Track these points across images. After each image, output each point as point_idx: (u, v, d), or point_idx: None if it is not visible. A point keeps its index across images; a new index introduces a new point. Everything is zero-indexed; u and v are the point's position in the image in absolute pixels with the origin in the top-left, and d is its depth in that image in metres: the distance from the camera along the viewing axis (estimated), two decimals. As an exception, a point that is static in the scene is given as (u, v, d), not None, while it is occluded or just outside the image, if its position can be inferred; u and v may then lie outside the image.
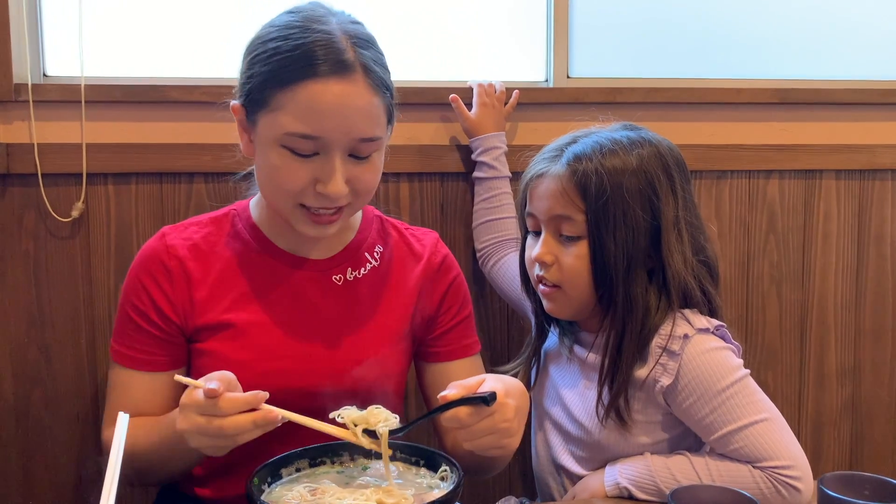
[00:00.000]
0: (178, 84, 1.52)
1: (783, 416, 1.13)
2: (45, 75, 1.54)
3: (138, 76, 1.55)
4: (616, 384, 1.15)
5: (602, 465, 1.18)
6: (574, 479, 1.22)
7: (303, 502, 0.90)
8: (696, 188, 1.72)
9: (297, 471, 0.99)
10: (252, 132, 1.10)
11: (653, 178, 1.15)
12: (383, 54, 1.10)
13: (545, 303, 1.22)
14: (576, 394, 1.23)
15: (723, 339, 1.16)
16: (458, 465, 0.95)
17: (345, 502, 0.89)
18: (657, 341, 1.14)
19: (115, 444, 0.84)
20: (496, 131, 1.56)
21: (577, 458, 1.22)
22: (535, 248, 1.20)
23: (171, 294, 1.14)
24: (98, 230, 1.52)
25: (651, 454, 1.15)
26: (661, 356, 1.13)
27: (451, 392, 0.92)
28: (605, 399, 1.16)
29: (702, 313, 1.18)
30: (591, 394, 1.19)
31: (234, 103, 1.11)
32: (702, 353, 1.12)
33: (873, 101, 1.77)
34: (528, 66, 1.72)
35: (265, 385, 0.93)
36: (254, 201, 1.22)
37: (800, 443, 1.11)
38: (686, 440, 1.19)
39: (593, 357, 1.21)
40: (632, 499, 1.12)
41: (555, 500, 1.26)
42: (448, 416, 0.92)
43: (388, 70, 1.10)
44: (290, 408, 1.07)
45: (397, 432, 0.94)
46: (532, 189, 1.21)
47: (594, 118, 1.29)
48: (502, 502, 1.35)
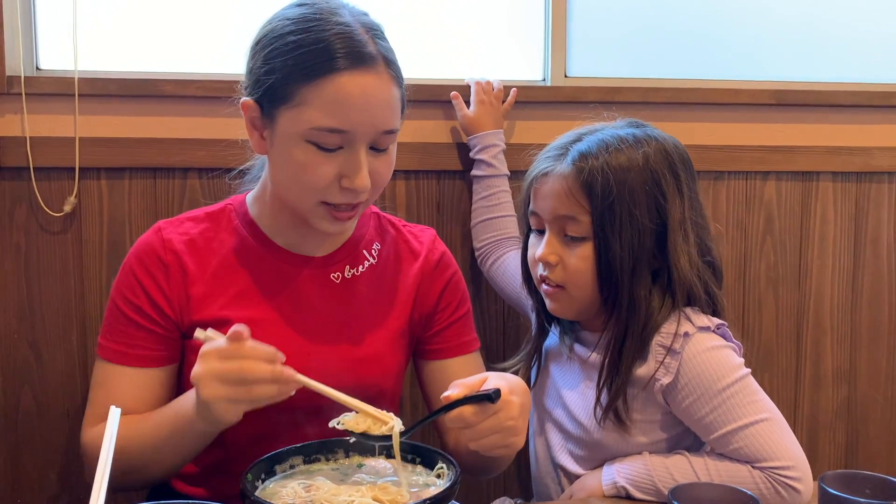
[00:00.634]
0: (173, 78, 1.50)
1: (780, 417, 1.12)
2: (38, 68, 1.52)
3: (132, 70, 1.54)
4: (615, 385, 1.14)
5: (599, 464, 1.18)
6: (572, 478, 1.21)
7: (297, 499, 0.89)
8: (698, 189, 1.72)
9: (292, 467, 0.98)
10: (268, 129, 1.07)
11: (659, 178, 1.14)
12: (391, 45, 1.09)
13: (548, 302, 1.20)
14: (576, 393, 1.22)
15: (724, 337, 1.15)
16: (455, 462, 0.94)
17: (340, 499, 0.88)
18: (657, 339, 1.13)
19: (105, 439, 0.82)
20: (494, 129, 1.55)
21: (576, 458, 1.21)
22: (538, 248, 1.18)
23: (166, 289, 1.12)
24: (90, 225, 1.50)
25: (650, 454, 1.14)
26: (660, 354, 1.12)
27: (454, 392, 0.91)
28: (604, 400, 1.15)
29: (705, 313, 1.17)
30: (592, 393, 1.18)
31: (245, 100, 1.08)
32: (702, 352, 1.12)
33: (871, 104, 1.77)
34: (526, 66, 1.72)
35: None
36: (251, 197, 1.20)
37: (795, 445, 1.10)
38: (685, 440, 1.18)
39: (595, 357, 1.20)
40: (629, 498, 1.11)
41: (552, 500, 1.25)
42: (452, 416, 0.91)
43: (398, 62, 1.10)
44: (288, 406, 1.06)
45: (404, 434, 0.93)
46: (536, 188, 1.19)
47: (598, 115, 1.27)
48: (497, 502, 1.33)
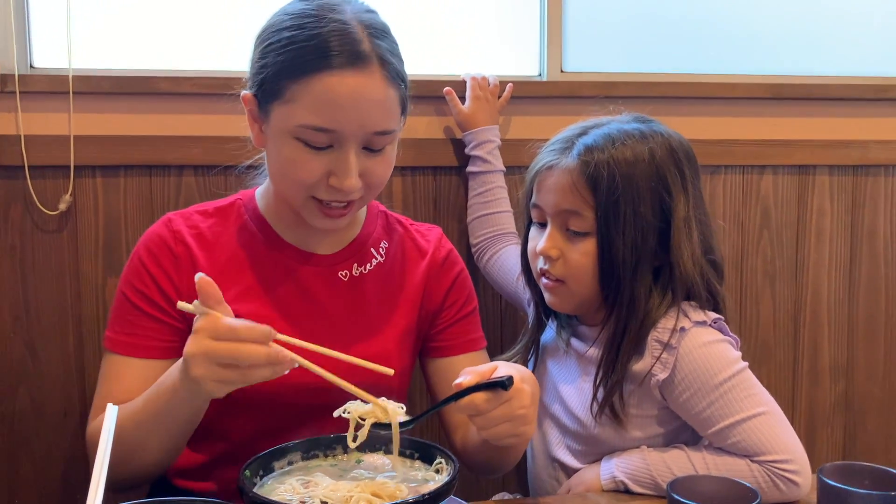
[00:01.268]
0: (168, 76, 1.50)
1: (777, 411, 1.12)
2: (32, 66, 1.51)
3: (127, 67, 1.53)
4: (611, 381, 1.14)
5: (597, 458, 1.18)
6: (570, 472, 1.20)
7: (295, 495, 0.89)
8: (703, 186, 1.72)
9: (290, 464, 0.97)
10: (264, 123, 1.07)
11: (664, 174, 1.13)
12: (397, 44, 1.08)
13: (547, 296, 1.20)
14: (573, 387, 1.22)
15: (720, 331, 1.15)
16: (453, 457, 0.94)
17: (338, 494, 0.88)
18: (654, 335, 1.13)
19: (103, 437, 0.82)
20: (490, 125, 1.55)
21: (573, 452, 1.21)
22: (540, 241, 1.17)
23: (175, 278, 1.11)
24: (86, 223, 1.50)
25: (648, 448, 1.14)
26: (657, 349, 1.12)
27: (465, 379, 0.91)
28: (600, 396, 1.15)
29: (705, 310, 1.17)
30: (589, 388, 1.18)
31: (245, 93, 1.08)
32: (699, 347, 1.11)
33: (867, 97, 1.77)
34: (522, 61, 1.72)
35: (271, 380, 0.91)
36: (260, 191, 1.20)
37: (793, 438, 1.10)
38: (683, 434, 1.18)
39: (593, 352, 1.20)
40: (628, 492, 1.11)
41: (549, 494, 1.25)
42: (464, 403, 0.90)
43: (403, 60, 1.08)
44: (295, 403, 1.05)
45: (409, 424, 0.93)
46: (540, 181, 1.18)
47: (604, 108, 1.27)
48: (496, 498, 1.34)
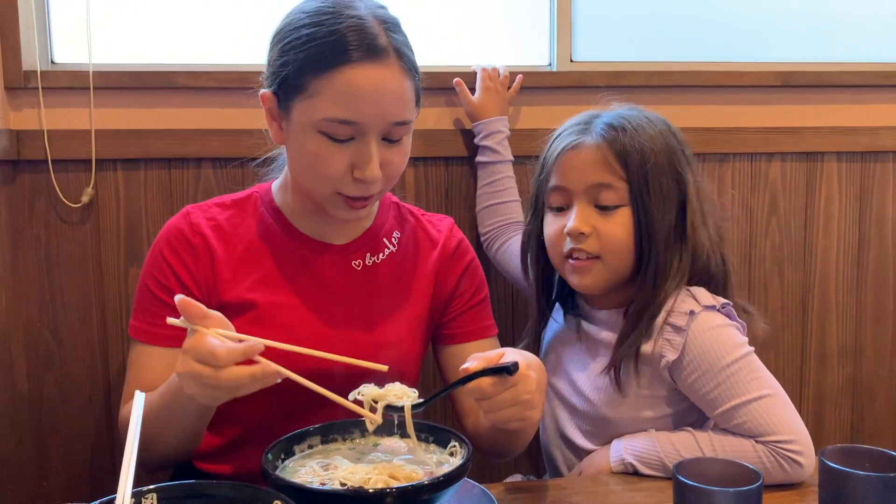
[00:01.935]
0: (186, 70, 1.53)
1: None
2: (53, 62, 1.55)
3: (146, 62, 1.57)
4: (623, 348, 1.17)
5: (607, 439, 1.21)
6: (579, 452, 1.24)
7: (315, 477, 0.92)
8: (699, 170, 1.73)
9: (310, 447, 1.01)
10: (285, 119, 1.10)
11: (674, 152, 1.19)
12: (408, 37, 1.11)
13: (576, 279, 1.21)
14: (584, 370, 1.25)
15: (728, 316, 1.18)
16: (467, 441, 0.97)
17: (356, 477, 0.91)
18: (663, 317, 1.16)
19: (132, 424, 0.85)
20: (499, 115, 1.57)
21: (583, 432, 1.24)
22: (569, 221, 1.18)
23: (194, 270, 1.15)
24: (108, 215, 1.54)
25: (656, 431, 1.17)
26: (666, 331, 1.15)
27: (472, 364, 0.94)
28: (621, 371, 1.18)
29: (719, 287, 1.21)
30: (600, 369, 1.21)
31: (264, 91, 1.12)
32: (707, 330, 1.14)
33: (875, 84, 1.78)
34: (532, 51, 1.73)
35: (286, 365, 0.94)
36: (276, 185, 1.23)
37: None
38: (690, 415, 1.21)
39: (606, 334, 1.23)
40: (637, 474, 1.14)
41: (560, 471, 1.28)
42: (471, 388, 0.93)
43: (414, 53, 1.11)
44: (304, 388, 1.08)
45: (420, 406, 0.95)
46: (563, 161, 1.20)
47: (596, 101, 1.30)
48: (509, 479, 1.37)
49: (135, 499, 0.80)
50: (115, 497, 0.76)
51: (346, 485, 0.89)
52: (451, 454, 0.99)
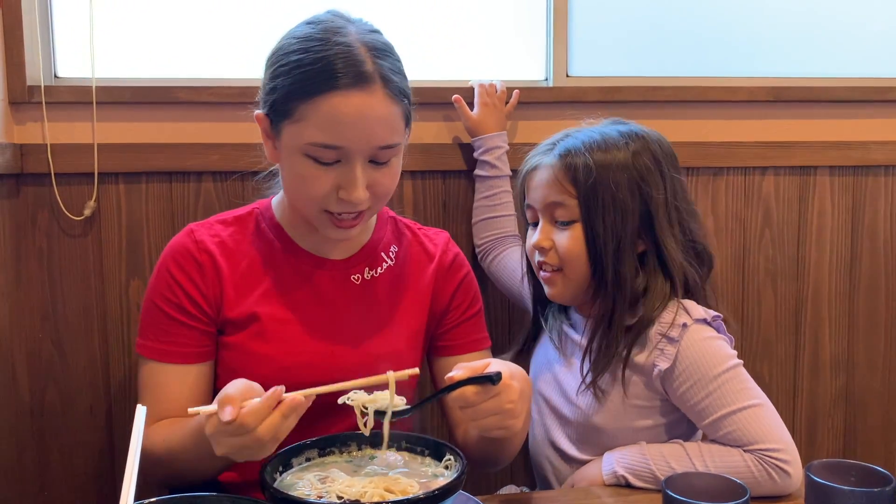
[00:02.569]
0: (187, 85, 1.55)
1: (778, 406, 1.17)
2: (56, 77, 1.57)
3: (148, 77, 1.59)
4: (605, 359, 1.20)
5: (597, 448, 1.23)
6: (569, 460, 1.27)
7: (313, 489, 0.94)
8: (694, 184, 1.76)
9: (308, 460, 1.03)
10: (276, 140, 1.13)
11: (640, 164, 1.22)
12: (401, 61, 1.13)
13: (547, 288, 1.28)
14: (570, 377, 1.28)
15: (717, 330, 1.20)
16: (462, 454, 0.99)
17: (353, 490, 0.93)
18: (657, 329, 1.19)
19: (133, 439, 0.86)
20: (498, 131, 1.59)
21: (572, 441, 1.27)
22: (533, 236, 1.27)
23: (202, 286, 1.17)
24: (110, 228, 1.56)
25: (646, 443, 1.19)
26: (659, 342, 1.18)
27: (457, 373, 0.97)
28: (588, 371, 1.22)
29: (698, 299, 1.24)
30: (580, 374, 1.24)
31: (258, 112, 1.15)
32: (699, 341, 1.17)
33: (866, 99, 1.80)
34: (529, 66, 1.76)
35: (288, 379, 0.96)
36: (276, 200, 1.26)
37: (794, 432, 1.15)
38: (680, 426, 1.24)
39: (584, 341, 1.26)
40: (629, 486, 1.16)
41: (549, 481, 1.31)
42: (455, 396, 0.96)
43: (406, 77, 1.13)
44: (312, 400, 1.10)
45: (405, 413, 0.98)
46: (528, 181, 1.28)
47: (581, 118, 1.34)
48: (503, 490, 1.39)
49: (136, 511, 0.82)
50: (117, 510, 0.78)
51: (342, 498, 0.91)
52: (447, 467, 1.00)
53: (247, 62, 1.60)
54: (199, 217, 1.46)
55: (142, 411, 0.91)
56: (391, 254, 1.27)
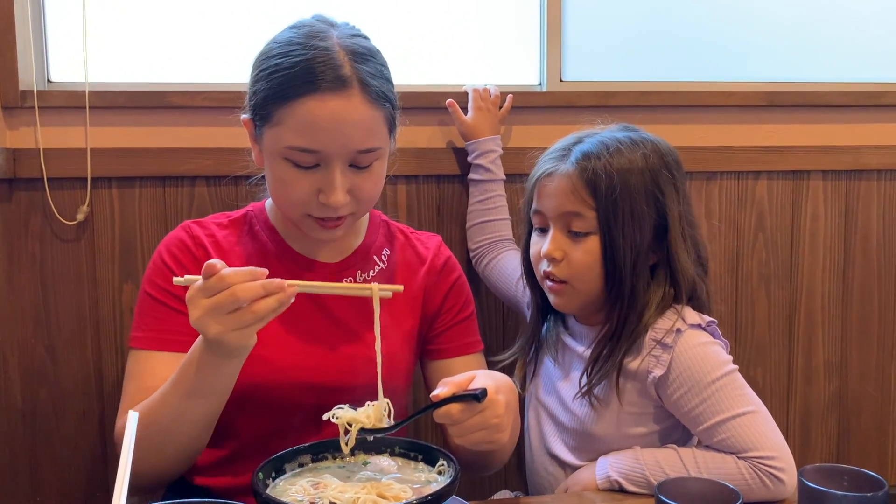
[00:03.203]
0: (180, 90, 1.55)
1: (772, 410, 1.17)
2: (49, 81, 1.57)
3: (141, 82, 1.59)
4: (602, 370, 1.19)
5: (593, 455, 1.23)
6: (566, 468, 1.26)
7: (306, 495, 0.94)
8: (688, 188, 1.76)
9: (300, 466, 1.02)
10: (260, 144, 1.14)
11: (657, 176, 1.20)
12: (385, 65, 1.13)
13: (552, 298, 1.25)
14: (569, 386, 1.27)
15: (712, 335, 1.20)
16: (455, 460, 0.99)
17: (346, 496, 0.93)
18: (651, 335, 1.18)
19: (125, 444, 0.85)
20: (492, 135, 1.59)
21: (570, 448, 1.26)
22: (543, 245, 1.23)
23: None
24: (103, 233, 1.55)
25: (641, 448, 1.19)
26: (654, 348, 1.17)
27: (442, 390, 0.96)
28: (585, 386, 1.21)
29: (703, 309, 1.23)
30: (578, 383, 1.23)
31: (244, 117, 1.16)
32: (693, 347, 1.17)
33: (859, 104, 1.81)
34: (522, 71, 1.76)
35: (281, 380, 0.96)
36: (269, 203, 1.27)
37: (788, 436, 1.15)
38: (675, 432, 1.23)
39: (584, 350, 1.25)
40: (623, 491, 1.16)
41: (546, 489, 1.30)
42: (440, 413, 0.96)
43: (390, 81, 1.13)
44: (304, 403, 1.10)
45: (388, 430, 0.98)
46: (541, 187, 1.24)
47: (591, 121, 1.32)
48: (497, 496, 1.39)
49: (128, 516, 0.81)
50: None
51: (335, 503, 0.91)
52: (440, 472, 1.00)
53: (240, 67, 1.58)
54: (192, 222, 1.45)
55: (133, 417, 0.91)
56: (383, 257, 1.27)
